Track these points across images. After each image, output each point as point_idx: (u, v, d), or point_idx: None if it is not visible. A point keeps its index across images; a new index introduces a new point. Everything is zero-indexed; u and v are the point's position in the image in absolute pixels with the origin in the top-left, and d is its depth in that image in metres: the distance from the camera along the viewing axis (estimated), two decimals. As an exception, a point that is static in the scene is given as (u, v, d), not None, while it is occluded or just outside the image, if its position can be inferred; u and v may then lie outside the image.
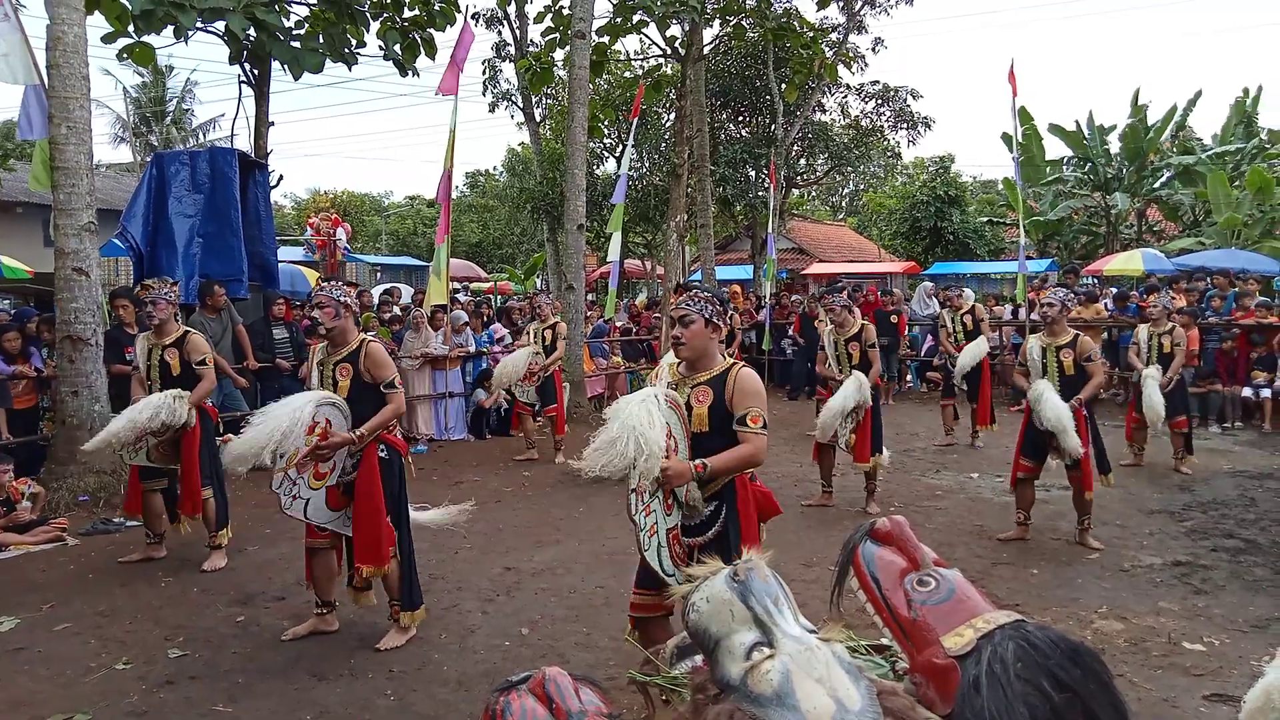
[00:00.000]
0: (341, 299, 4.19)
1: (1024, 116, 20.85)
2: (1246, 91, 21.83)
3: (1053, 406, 5.55)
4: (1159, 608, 4.68)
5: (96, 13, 8.74)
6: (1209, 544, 5.83)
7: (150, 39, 9.57)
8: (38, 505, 6.49)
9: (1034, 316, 11.98)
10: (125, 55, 9.68)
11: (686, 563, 3.11)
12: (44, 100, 7.00)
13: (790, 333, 13.76)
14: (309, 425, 3.95)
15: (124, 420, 5.13)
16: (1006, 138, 22.36)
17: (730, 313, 10.92)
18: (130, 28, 9.26)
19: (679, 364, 3.34)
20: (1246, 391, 10.38)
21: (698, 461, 3.05)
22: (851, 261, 26.02)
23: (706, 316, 3.22)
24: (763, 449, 3.13)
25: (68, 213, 6.98)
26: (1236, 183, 19.45)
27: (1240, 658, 4.00)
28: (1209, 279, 12.59)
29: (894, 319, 12.33)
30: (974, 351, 9.14)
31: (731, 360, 3.29)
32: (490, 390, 10.11)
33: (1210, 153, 21.42)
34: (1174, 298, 9.87)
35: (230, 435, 5.75)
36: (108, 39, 9.33)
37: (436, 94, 9.37)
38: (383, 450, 4.20)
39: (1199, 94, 22.11)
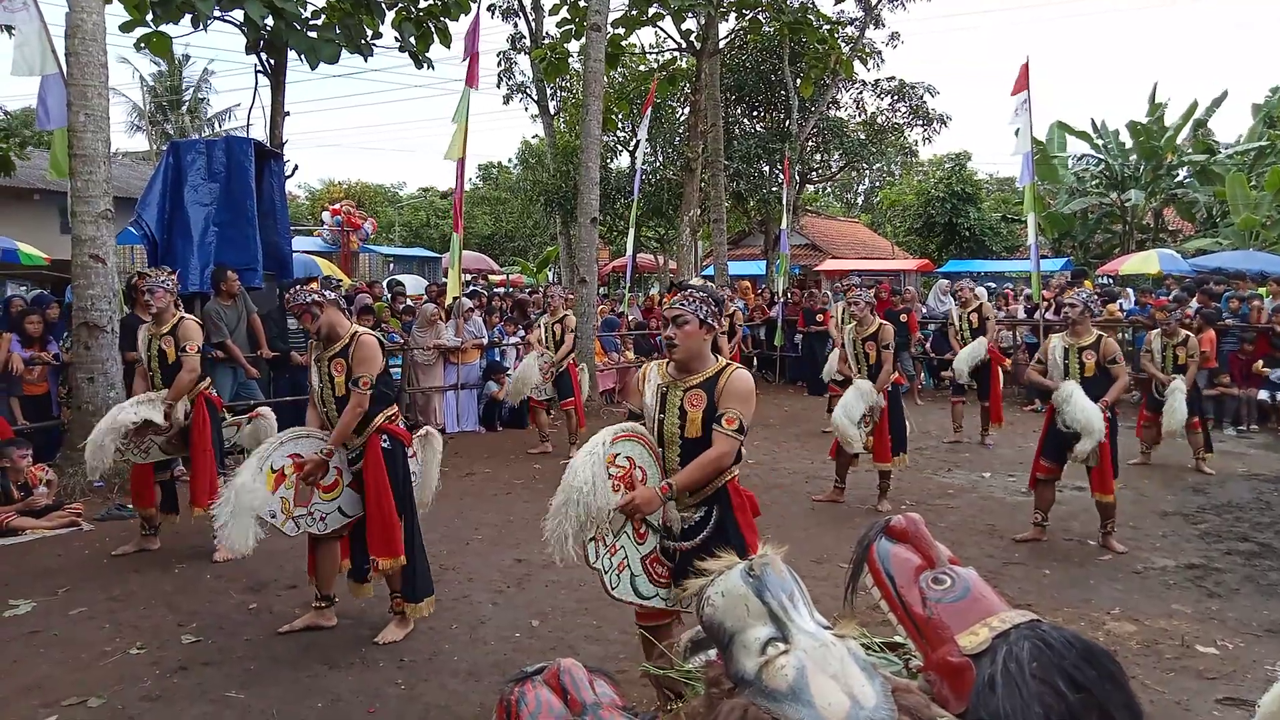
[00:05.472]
0: (312, 300, 4.12)
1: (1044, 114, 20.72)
2: (1276, 90, 21.51)
3: (1082, 408, 5.44)
4: (1172, 610, 4.66)
5: (115, 0, 8.79)
6: (1223, 547, 5.79)
7: (168, 28, 9.62)
8: (52, 490, 6.55)
9: (1048, 315, 11.96)
10: (143, 45, 9.73)
11: (671, 578, 3.11)
12: (62, 89, 7.03)
13: (819, 322, 13.48)
14: (272, 481, 4.04)
15: (99, 440, 5.08)
16: (1035, 142, 22.23)
17: (733, 308, 10.85)
18: (148, 16, 9.30)
19: (668, 364, 3.25)
20: (1262, 394, 10.31)
21: (663, 484, 3.03)
22: (865, 258, 25.92)
23: (701, 317, 3.12)
24: (730, 451, 3.04)
25: (85, 200, 7.02)
26: (1255, 184, 19.27)
27: (1254, 662, 3.98)
28: (1228, 281, 12.49)
29: (903, 318, 12.27)
30: (971, 352, 9.10)
31: (725, 361, 3.21)
32: (506, 391, 10.14)
33: (1229, 151, 21.20)
34: (1184, 310, 9.77)
35: (249, 417, 5.82)
36: (125, 28, 9.38)
37: (467, 86, 9.39)
38: (385, 441, 4.20)
39: (1224, 94, 21.72)
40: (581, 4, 13.14)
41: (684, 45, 16.70)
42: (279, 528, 4.04)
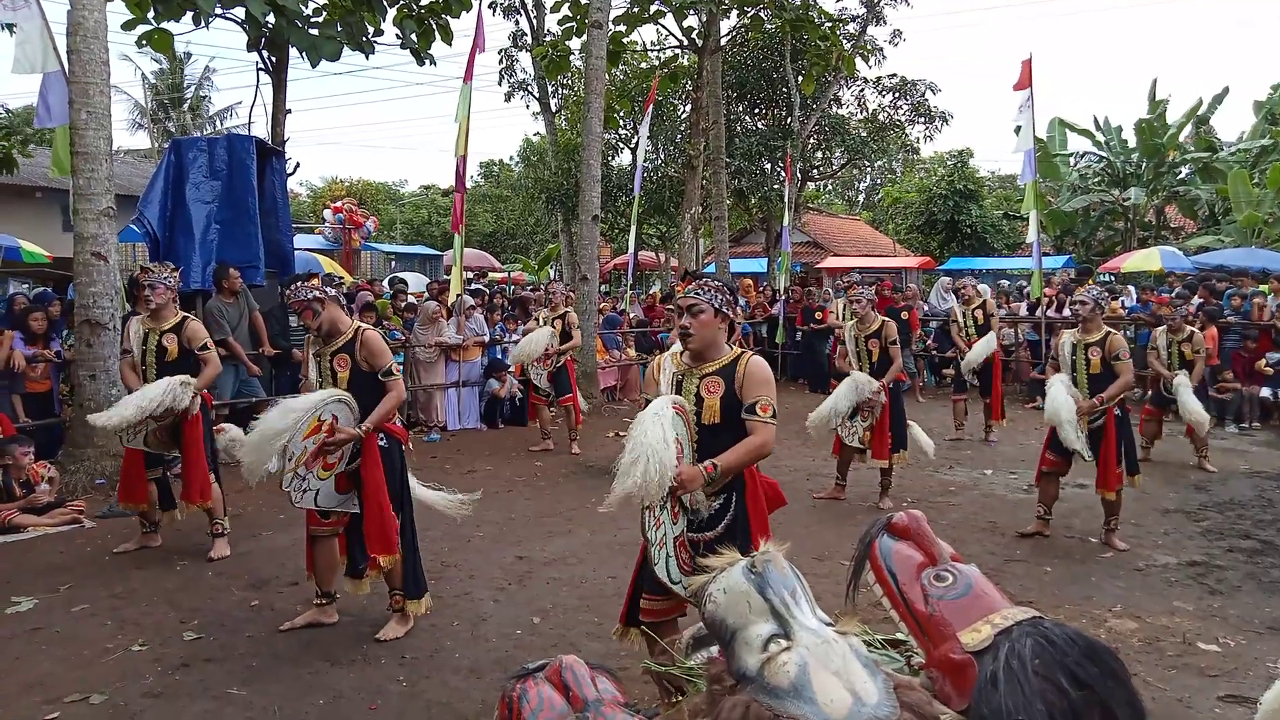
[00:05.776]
0: (314, 296, 4.13)
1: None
2: (1277, 88, 21.43)
3: (1051, 399, 5.65)
4: (1174, 607, 4.66)
5: (117, -2, 8.78)
6: (1225, 544, 5.79)
7: (169, 25, 9.62)
8: (54, 488, 6.55)
9: (1050, 313, 11.95)
10: (144, 43, 9.72)
11: (692, 565, 3.07)
12: (64, 86, 7.03)
13: (818, 320, 13.50)
14: (311, 427, 3.97)
15: (133, 405, 5.07)
16: (1037, 140, 22.18)
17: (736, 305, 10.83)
18: (150, 13, 9.29)
19: (682, 353, 3.26)
20: (1265, 392, 10.31)
21: (707, 463, 3.00)
22: (867, 256, 25.89)
23: (716, 306, 3.14)
24: (771, 439, 3.07)
25: (87, 198, 7.03)
26: (1257, 181, 19.21)
27: (1256, 659, 3.98)
28: (1230, 279, 12.49)
29: (905, 315, 12.27)
30: (983, 347, 9.13)
31: (740, 349, 3.23)
32: (509, 368, 10.16)
33: (1231, 148, 21.14)
34: (1187, 307, 9.74)
35: (224, 426, 5.76)
36: (127, 26, 9.37)
37: (465, 84, 9.42)
38: (382, 439, 4.20)
39: (1226, 91, 21.64)
40: (583, 1, 13.11)
41: (686, 42, 16.67)
42: (281, 474, 4.00)
